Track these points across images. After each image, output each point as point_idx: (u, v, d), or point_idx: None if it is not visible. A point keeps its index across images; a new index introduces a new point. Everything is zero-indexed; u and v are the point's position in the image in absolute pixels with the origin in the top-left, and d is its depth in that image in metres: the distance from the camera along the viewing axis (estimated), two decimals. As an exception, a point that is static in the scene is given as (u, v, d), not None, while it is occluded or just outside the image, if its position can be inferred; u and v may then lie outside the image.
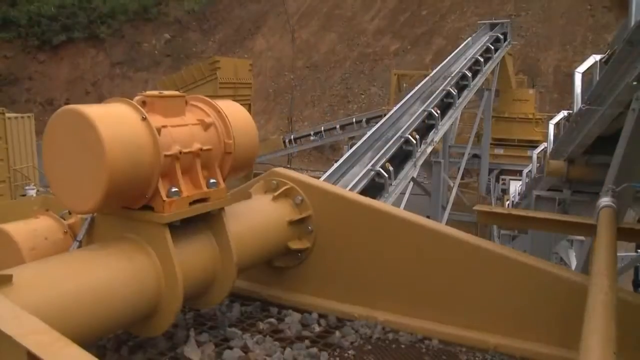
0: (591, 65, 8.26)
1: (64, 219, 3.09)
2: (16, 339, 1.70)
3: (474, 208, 3.73)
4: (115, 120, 2.43)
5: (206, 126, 2.84)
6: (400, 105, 16.57)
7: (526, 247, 12.37)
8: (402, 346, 3.03)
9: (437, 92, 16.87)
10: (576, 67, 9.66)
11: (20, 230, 2.93)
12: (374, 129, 15.23)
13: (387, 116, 16.07)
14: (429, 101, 16.27)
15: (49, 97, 51.79)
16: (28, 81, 53.71)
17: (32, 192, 16.33)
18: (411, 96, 17.32)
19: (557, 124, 13.20)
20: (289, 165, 32.78)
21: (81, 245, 2.83)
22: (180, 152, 2.65)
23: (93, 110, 2.39)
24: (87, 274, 2.41)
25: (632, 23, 4.75)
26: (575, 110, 9.28)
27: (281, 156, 34.34)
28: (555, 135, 12.86)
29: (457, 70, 18.92)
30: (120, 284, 2.44)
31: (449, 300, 3.11)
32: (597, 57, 7.92)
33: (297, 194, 3.45)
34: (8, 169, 17.90)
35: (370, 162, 12.68)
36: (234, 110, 3.02)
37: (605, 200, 3.20)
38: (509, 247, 3.71)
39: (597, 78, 7.60)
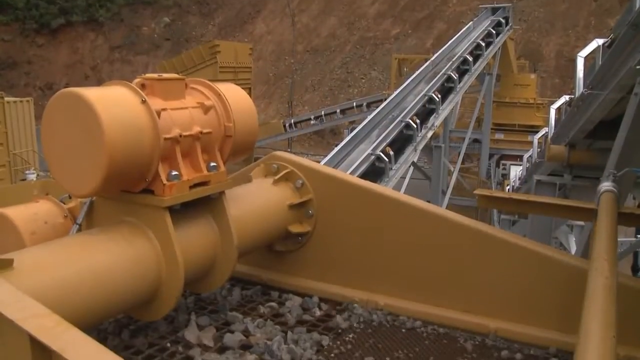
0: (594, 50, 8.22)
1: (64, 203, 3.08)
2: (17, 322, 1.70)
3: (475, 192, 3.72)
4: (114, 103, 2.41)
5: (206, 109, 2.82)
6: (401, 90, 16.52)
7: (526, 232, 12.40)
8: (403, 330, 3.04)
9: (438, 76, 16.80)
10: (578, 52, 9.61)
11: (20, 214, 2.92)
12: (374, 112, 15.19)
13: (387, 100, 16.02)
14: (429, 85, 16.20)
15: (48, 81, 51.63)
16: (27, 65, 53.51)
17: (32, 177, 16.31)
18: (412, 80, 17.26)
19: (558, 109, 13.17)
20: (289, 150, 32.77)
21: (81, 229, 2.82)
22: (181, 135, 2.63)
23: (92, 93, 2.37)
24: (88, 258, 2.40)
25: (638, 6, 4.71)
26: (577, 95, 9.24)
27: (281, 140, 34.33)
28: (556, 120, 12.84)
29: (458, 54, 18.83)
30: (121, 267, 2.44)
31: (449, 285, 3.11)
32: (600, 41, 7.88)
33: (298, 178, 3.44)
34: (8, 153, 17.88)
35: (370, 146, 12.66)
36: (234, 93, 3.00)
37: (606, 185, 3.19)
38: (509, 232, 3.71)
39: (600, 62, 7.57)
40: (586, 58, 9.18)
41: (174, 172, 2.61)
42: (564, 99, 12.68)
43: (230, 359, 2.67)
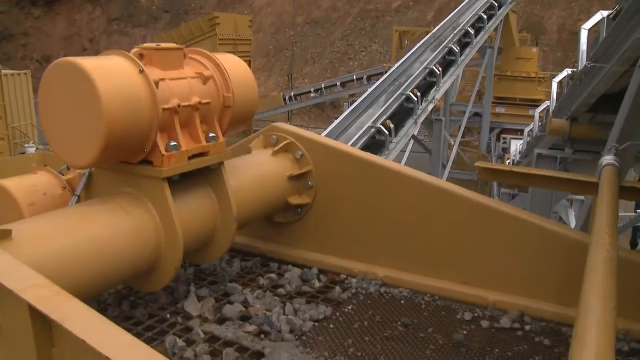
0: (598, 22, 8.12)
1: (63, 175, 3.06)
2: (17, 293, 1.69)
3: (476, 164, 3.70)
4: (112, 73, 2.38)
5: (205, 79, 2.79)
6: (402, 63, 16.39)
7: (526, 206, 12.41)
8: (402, 302, 3.05)
9: (439, 49, 16.65)
10: (582, 25, 9.51)
11: (19, 185, 2.91)
12: (375, 85, 15.10)
13: (388, 73, 15.91)
14: (430, 58, 16.06)
15: (45, 54, 51.20)
16: (23, 37, 53.00)
17: (32, 150, 16.27)
18: (413, 53, 17.12)
19: (560, 83, 13.09)
20: (289, 123, 32.58)
21: (80, 200, 2.81)
22: (179, 106, 2.61)
23: (89, 63, 2.33)
24: (87, 229, 2.39)
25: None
26: (580, 68, 9.17)
27: (281, 113, 34.16)
28: (558, 94, 12.77)
29: (460, 27, 18.64)
30: (120, 238, 2.44)
31: (448, 257, 3.11)
32: (605, 13, 7.78)
33: (298, 149, 3.42)
34: (6, 126, 17.80)
35: (371, 118, 12.61)
36: (233, 64, 2.97)
37: (608, 159, 3.17)
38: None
39: (604, 34, 7.48)
40: (590, 31, 9.08)
41: (173, 143, 2.59)
42: (567, 72, 12.61)
43: (229, 329, 2.68)
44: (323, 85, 33.94)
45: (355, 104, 14.12)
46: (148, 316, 2.82)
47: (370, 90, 14.77)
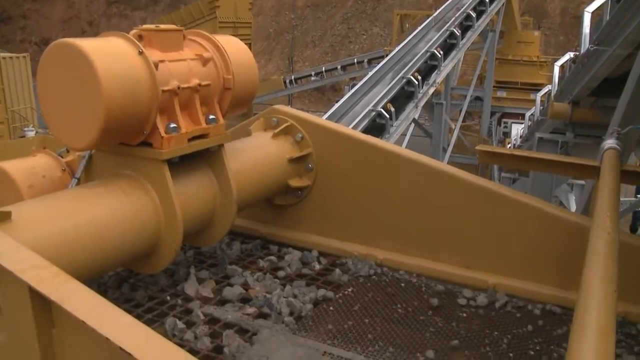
0: (602, 4, 8.05)
1: (62, 157, 3.05)
2: (17, 274, 1.69)
3: (476, 148, 3.69)
4: (111, 54, 2.36)
5: (205, 61, 2.77)
6: (403, 46, 16.30)
7: (526, 190, 12.40)
8: (402, 284, 3.05)
9: (440, 32, 16.54)
10: (584, 8, 9.43)
11: (18, 168, 2.89)
12: (375, 69, 15.03)
13: (389, 56, 15.83)
14: (431, 42, 15.96)
15: (44, 36, 50.84)
16: (22, 20, 52.62)
17: (31, 134, 16.22)
18: (413, 37, 17.01)
19: (562, 66, 13.02)
20: (289, 106, 32.49)
21: (79, 182, 2.80)
22: (179, 88, 2.59)
23: (88, 44, 2.31)
24: (86, 210, 2.39)
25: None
26: (582, 51, 9.11)
27: (281, 97, 34.03)
28: (560, 78, 12.71)
29: (461, 10, 18.50)
30: (119, 220, 2.43)
31: (449, 240, 3.11)
32: (609, -4, 7.70)
33: (298, 132, 3.40)
34: (5, 110, 17.73)
35: (371, 102, 12.56)
36: (233, 46, 2.94)
37: (609, 142, 3.16)
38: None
39: (607, 17, 7.42)
40: (593, 14, 9.01)
41: (173, 125, 2.58)
42: (569, 55, 12.54)
43: (229, 311, 2.68)
44: (323, 69, 33.80)
45: (356, 87, 14.06)
46: (148, 298, 2.83)
47: (370, 74, 14.70)
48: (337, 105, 13.00)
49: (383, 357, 2.40)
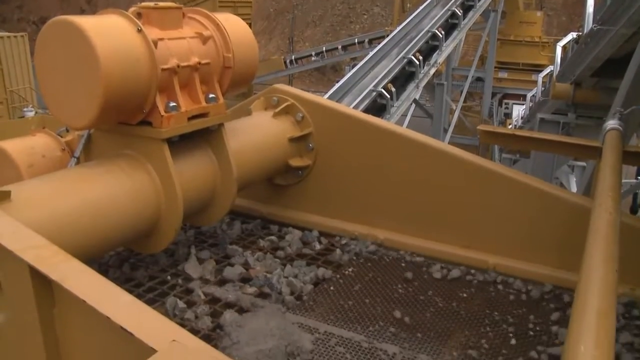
0: (606, -16, 7.95)
1: (61, 137, 3.03)
2: (17, 253, 1.69)
3: (478, 128, 3.67)
4: (109, 31, 2.33)
5: (204, 39, 2.74)
6: (404, 26, 16.18)
7: (527, 171, 12.38)
8: (402, 264, 3.05)
9: (442, 12, 16.40)
10: (588, -12, 9.33)
11: (17, 147, 2.88)
12: (376, 49, 14.93)
13: (390, 36, 15.71)
14: (433, 22, 15.83)
15: (42, 15, 50.37)
16: (19, -2, 52.14)
17: (31, 114, 16.17)
18: (415, 16, 16.87)
19: (564, 47, 12.93)
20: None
21: (79, 162, 2.79)
22: (178, 66, 2.57)
23: (86, 21, 2.28)
24: (86, 190, 2.38)
25: None
26: (585, 31, 9.03)
27: (282, 77, 33.86)
28: (562, 58, 12.62)
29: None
30: (119, 200, 2.42)
31: (449, 220, 3.11)
32: (613, -26, 7.60)
33: (298, 111, 3.38)
34: (4, 90, 17.65)
35: (372, 82, 12.50)
36: (233, 24, 2.91)
37: (612, 123, 3.14)
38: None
39: (612, -4, 7.33)
40: (596, -6, 8.92)
41: (172, 104, 2.56)
42: (571, 36, 12.45)
43: (230, 291, 2.69)
44: (324, 49, 33.55)
45: (357, 67, 13.97)
46: (149, 278, 2.83)
47: (371, 54, 14.61)
48: (337, 85, 12.94)
49: (383, 336, 2.41)
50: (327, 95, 12.15)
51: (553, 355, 2.32)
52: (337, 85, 12.94)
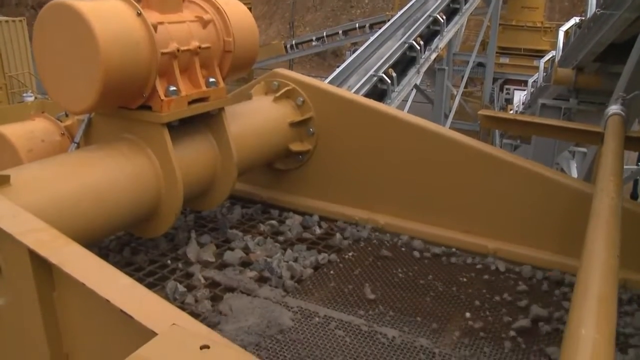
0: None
1: (61, 121, 3.02)
2: (16, 237, 1.69)
3: (479, 112, 3.66)
4: (109, 15, 2.32)
5: (205, 23, 2.72)
6: (405, 10, 16.08)
7: (528, 157, 12.35)
8: (402, 249, 3.06)
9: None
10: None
11: (16, 132, 2.87)
12: (377, 34, 14.85)
13: (391, 21, 15.61)
14: (434, 6, 15.73)
15: (40, 0, 50.05)
16: (18, -18, 51.71)
17: (30, 99, 16.13)
18: (416, 1, 16.76)
19: (567, 32, 12.86)
20: (290, 72, 32.18)
21: (79, 147, 2.78)
22: (178, 50, 2.55)
23: (84, 5, 2.26)
24: (86, 175, 2.37)
25: None
26: (588, 15, 8.97)
27: (282, 62, 33.72)
28: (564, 43, 12.55)
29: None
30: (119, 184, 2.42)
31: (450, 205, 3.10)
32: (616, -42, 7.53)
33: (299, 95, 3.36)
34: (3, 75, 17.57)
35: (373, 67, 12.43)
36: (233, 7, 2.89)
37: (614, 108, 3.13)
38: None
39: (615, -20, 7.27)
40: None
41: (172, 88, 2.55)
42: (574, 20, 12.38)
43: (230, 275, 2.69)
44: (325, 34, 33.40)
45: (358, 52, 13.89)
46: (149, 262, 2.84)
47: (372, 39, 14.52)
48: (338, 70, 12.87)
49: (383, 320, 2.41)
50: (327, 80, 12.10)
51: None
52: (337, 70, 12.87)
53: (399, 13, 16.31)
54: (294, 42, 34.27)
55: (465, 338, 2.33)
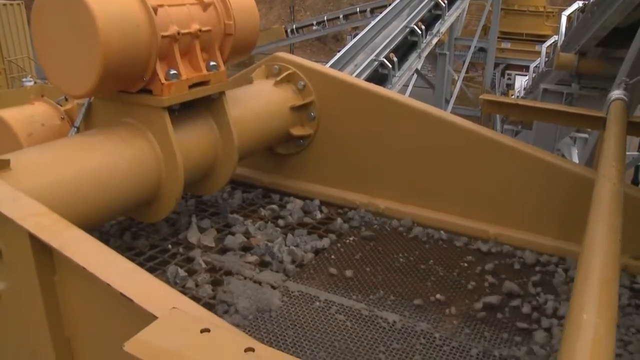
0: (612, -50, 7.80)
1: (61, 105, 3.01)
2: (17, 221, 1.69)
3: (480, 97, 3.63)
4: (108, -2, 2.29)
5: (205, 6, 2.70)
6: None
7: (529, 142, 12.32)
8: (403, 234, 3.05)
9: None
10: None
11: (16, 116, 2.85)
12: (378, 18, 14.74)
13: (392, 5, 15.49)
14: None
15: (41, -18, 49.71)
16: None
17: (30, 84, 16.04)
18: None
19: (569, 16, 12.78)
20: (290, 57, 32.02)
21: (79, 131, 2.77)
22: (179, 33, 2.53)
23: (83, -13, 2.24)
24: (86, 159, 2.36)
25: None
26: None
27: (283, 46, 33.53)
28: (567, 28, 12.47)
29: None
30: (120, 168, 2.41)
31: (451, 190, 3.10)
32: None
33: (300, 79, 3.34)
34: (2, 59, 17.45)
35: (374, 51, 12.35)
36: (233, -10, 2.85)
37: (617, 93, 3.10)
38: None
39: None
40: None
41: (173, 71, 2.53)
42: (577, 5, 12.29)
43: (231, 260, 2.69)
44: (325, 18, 33.11)
45: (359, 36, 13.80)
46: (150, 247, 2.84)
47: (373, 23, 14.42)
48: (339, 54, 12.79)
49: (384, 305, 2.42)
50: (328, 64, 12.04)
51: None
52: (338, 55, 12.79)
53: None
54: (294, 27, 34.01)
55: (466, 322, 2.33)
